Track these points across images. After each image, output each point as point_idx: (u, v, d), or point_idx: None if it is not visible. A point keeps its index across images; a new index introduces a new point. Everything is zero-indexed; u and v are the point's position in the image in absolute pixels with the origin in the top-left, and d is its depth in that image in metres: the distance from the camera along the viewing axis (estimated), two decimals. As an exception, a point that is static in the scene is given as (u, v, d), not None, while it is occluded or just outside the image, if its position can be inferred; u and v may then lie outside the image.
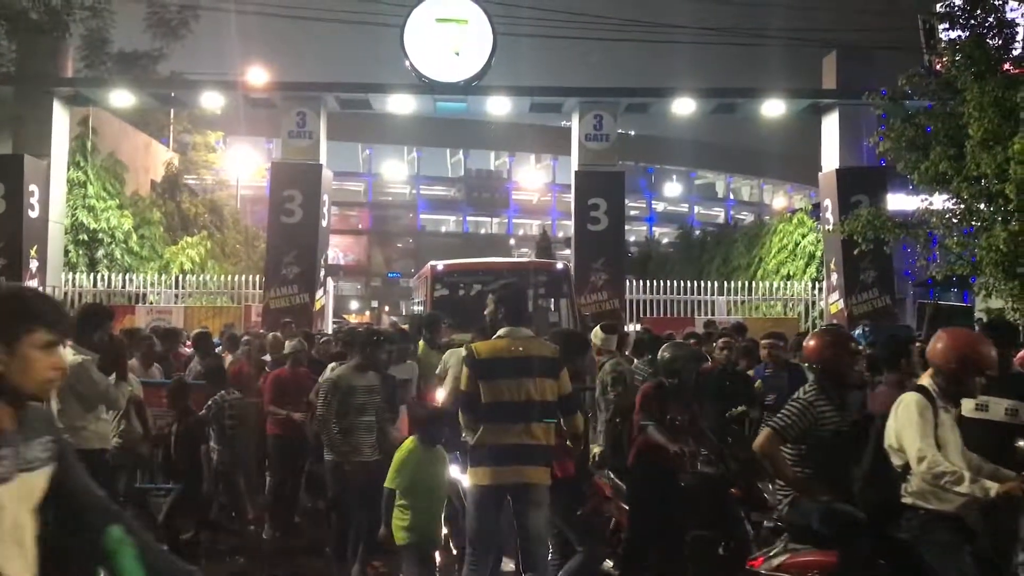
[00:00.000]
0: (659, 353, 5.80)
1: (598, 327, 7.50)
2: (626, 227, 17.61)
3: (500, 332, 4.66)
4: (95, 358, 4.93)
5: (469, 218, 60.43)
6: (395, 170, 58.91)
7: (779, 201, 54.30)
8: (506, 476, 4.47)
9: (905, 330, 13.02)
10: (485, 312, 4.96)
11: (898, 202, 15.49)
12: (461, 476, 5.67)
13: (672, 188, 62.30)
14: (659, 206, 61.07)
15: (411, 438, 5.35)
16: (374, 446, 5.99)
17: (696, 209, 60.88)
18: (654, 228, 56.08)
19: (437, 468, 5.26)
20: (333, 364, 7.02)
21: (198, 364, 8.45)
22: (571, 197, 17.20)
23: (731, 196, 64.25)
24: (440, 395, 7.14)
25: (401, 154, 58.95)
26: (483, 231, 60.26)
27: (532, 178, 59.87)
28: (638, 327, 15.65)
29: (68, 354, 4.86)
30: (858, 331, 12.64)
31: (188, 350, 9.73)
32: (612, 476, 6.02)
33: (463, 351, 4.75)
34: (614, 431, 6.24)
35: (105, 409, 5.09)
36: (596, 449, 6.57)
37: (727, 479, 5.64)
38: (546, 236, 45.06)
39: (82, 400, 4.80)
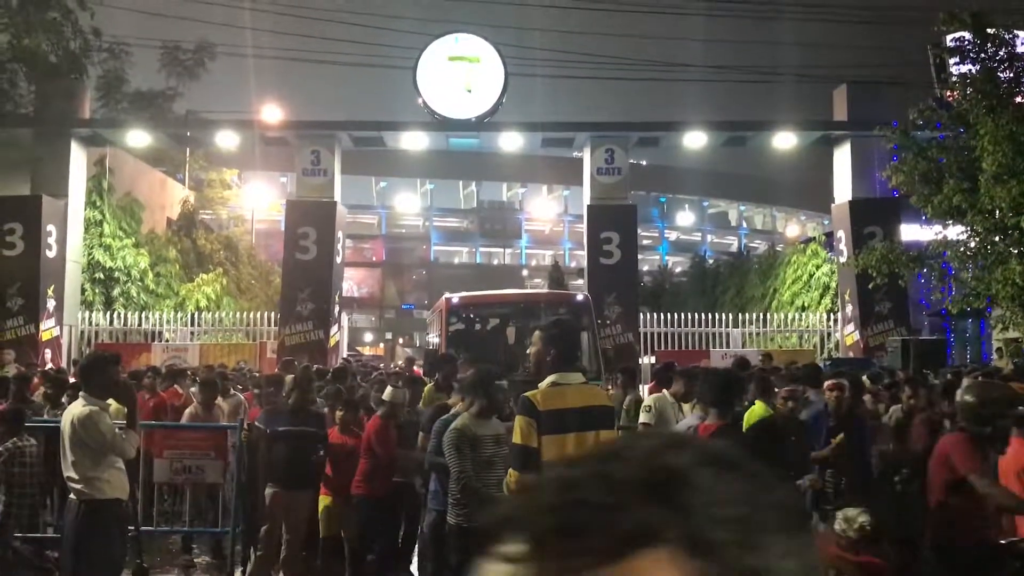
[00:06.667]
0: (959, 395, 4.73)
1: None
2: (639, 256, 17.58)
3: (552, 378, 4.11)
4: (106, 407, 4.92)
5: (482, 249, 60.58)
6: (408, 202, 59.23)
7: (792, 229, 54.13)
8: None
9: (866, 364, 12.52)
10: (529, 352, 4.33)
11: (912, 232, 15.40)
12: None
13: (685, 217, 62.24)
14: (672, 235, 61.00)
15: None
16: None
17: (709, 238, 60.76)
18: (667, 257, 55.99)
19: None
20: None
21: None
22: (583, 227, 17.21)
23: (744, 224, 64.10)
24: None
25: (414, 186, 59.29)
26: (496, 262, 60.35)
27: (544, 209, 60.03)
28: (652, 360, 15.60)
29: (78, 404, 4.88)
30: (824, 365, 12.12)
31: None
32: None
33: (522, 401, 4.12)
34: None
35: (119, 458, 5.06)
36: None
37: None
38: (558, 267, 45.08)
39: (90, 451, 4.78)
